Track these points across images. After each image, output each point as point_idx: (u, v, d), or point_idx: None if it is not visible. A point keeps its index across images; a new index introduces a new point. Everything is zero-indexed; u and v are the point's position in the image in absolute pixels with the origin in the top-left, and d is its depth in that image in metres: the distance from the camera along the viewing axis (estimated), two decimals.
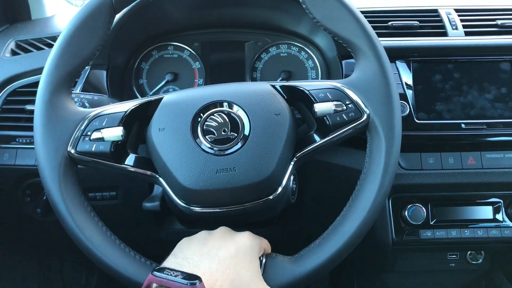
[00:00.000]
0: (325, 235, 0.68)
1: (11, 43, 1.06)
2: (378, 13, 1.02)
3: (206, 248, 0.61)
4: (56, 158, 0.66)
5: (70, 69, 0.69)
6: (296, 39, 1.06)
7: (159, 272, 0.54)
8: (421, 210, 0.92)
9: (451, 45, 0.94)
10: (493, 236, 0.92)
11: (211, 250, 0.60)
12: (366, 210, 0.67)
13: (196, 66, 1.07)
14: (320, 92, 0.70)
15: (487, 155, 0.92)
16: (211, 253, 0.60)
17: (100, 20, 0.71)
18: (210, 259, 0.58)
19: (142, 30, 1.02)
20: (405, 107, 0.90)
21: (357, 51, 0.72)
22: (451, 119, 0.91)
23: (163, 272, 0.54)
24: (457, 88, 0.92)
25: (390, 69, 0.71)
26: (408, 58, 0.93)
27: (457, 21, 0.98)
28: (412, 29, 0.98)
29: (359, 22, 0.71)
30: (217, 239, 0.63)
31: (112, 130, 0.67)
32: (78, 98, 0.85)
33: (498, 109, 0.91)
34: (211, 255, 0.59)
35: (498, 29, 0.97)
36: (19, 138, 0.97)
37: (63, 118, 0.67)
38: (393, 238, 0.93)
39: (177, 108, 0.69)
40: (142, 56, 1.07)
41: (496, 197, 0.94)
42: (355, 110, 0.69)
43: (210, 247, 0.61)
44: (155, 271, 0.54)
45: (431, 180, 0.91)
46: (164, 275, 0.53)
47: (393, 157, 0.69)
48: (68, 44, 0.69)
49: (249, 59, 1.07)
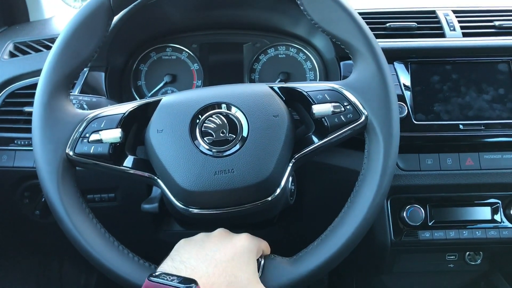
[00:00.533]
0: (323, 236, 0.68)
1: (10, 45, 1.06)
2: (376, 15, 1.02)
3: (204, 251, 0.61)
4: (54, 160, 0.66)
5: (68, 71, 0.69)
6: (294, 40, 1.07)
7: (155, 278, 0.54)
8: (420, 211, 0.92)
9: (449, 46, 0.94)
10: (492, 237, 0.92)
11: (208, 253, 0.60)
12: (365, 211, 0.67)
13: (194, 67, 1.08)
14: (318, 93, 0.71)
15: (485, 156, 0.92)
16: (208, 256, 0.60)
17: (98, 22, 0.71)
18: (207, 263, 0.59)
19: (141, 32, 1.03)
20: (403, 108, 0.90)
21: (355, 53, 0.72)
22: (449, 120, 0.91)
23: (159, 277, 0.54)
24: (455, 89, 0.92)
25: (388, 71, 0.71)
26: (406, 59, 0.93)
27: (455, 22, 0.99)
28: (410, 31, 0.98)
29: (357, 24, 0.71)
30: (214, 242, 0.63)
31: (110, 132, 0.67)
32: (76, 100, 0.85)
33: (496, 110, 0.91)
34: (208, 258, 0.59)
35: (495, 30, 0.98)
36: (17, 140, 0.97)
37: (61, 120, 0.67)
38: (392, 239, 0.93)
39: (175, 109, 0.69)
40: (140, 58, 1.07)
41: (495, 198, 0.95)
42: (353, 111, 0.70)
43: (208, 250, 0.61)
44: (152, 276, 0.55)
45: (430, 181, 0.91)
46: (160, 279, 0.54)
47: (391, 158, 0.69)
48: (66, 46, 0.69)
49: (247, 61, 1.07)
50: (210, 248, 0.61)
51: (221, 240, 0.64)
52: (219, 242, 0.63)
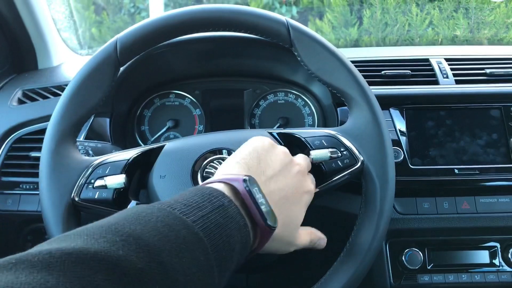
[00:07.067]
0: (322, 280, 0.69)
1: (18, 92, 1.09)
2: (372, 63, 1.06)
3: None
4: (60, 205, 0.68)
5: (75, 120, 0.72)
6: (293, 87, 1.10)
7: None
8: (418, 255, 0.93)
9: (442, 93, 0.97)
10: (491, 281, 0.92)
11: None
12: (362, 255, 0.68)
13: (196, 113, 1.11)
14: (316, 139, 0.73)
15: (481, 200, 0.93)
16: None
17: (105, 73, 0.75)
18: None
19: (145, 80, 1.06)
20: (399, 153, 0.92)
21: (350, 101, 0.76)
22: (444, 164, 0.93)
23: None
24: (450, 134, 0.95)
25: (382, 117, 0.75)
26: (401, 106, 0.96)
27: (448, 70, 1.02)
28: (405, 78, 1.01)
29: (352, 74, 0.75)
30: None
31: (114, 177, 0.69)
32: (82, 146, 0.87)
33: (490, 154, 0.93)
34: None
35: (487, 78, 1.01)
36: (22, 184, 0.99)
37: (68, 166, 0.70)
38: (391, 283, 0.93)
39: (178, 155, 0.71)
40: (144, 104, 1.10)
41: (493, 241, 0.95)
42: (350, 157, 0.72)
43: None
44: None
45: (427, 225, 0.92)
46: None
47: (388, 202, 0.71)
48: (74, 95, 0.73)
49: (247, 106, 1.10)
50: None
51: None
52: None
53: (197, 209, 0.48)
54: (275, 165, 0.61)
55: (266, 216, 0.54)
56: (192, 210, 0.48)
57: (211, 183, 0.56)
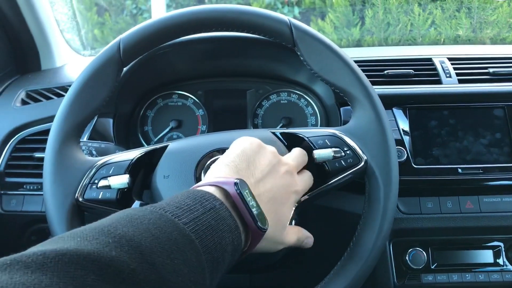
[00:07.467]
0: (326, 279, 0.69)
1: (22, 93, 1.10)
2: (375, 62, 1.06)
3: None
4: (64, 205, 0.68)
5: (79, 120, 0.72)
6: (295, 87, 1.10)
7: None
8: (422, 254, 0.92)
9: (445, 93, 0.97)
10: (495, 280, 0.92)
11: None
12: (366, 255, 0.68)
13: (199, 113, 1.11)
14: (319, 139, 0.73)
15: (485, 199, 0.93)
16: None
17: (108, 74, 0.75)
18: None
19: (148, 81, 1.06)
20: (402, 153, 0.92)
21: (353, 100, 0.76)
22: (448, 164, 0.93)
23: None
24: (453, 133, 0.95)
25: (386, 117, 0.74)
26: (404, 105, 0.96)
27: (451, 70, 1.02)
28: (408, 77, 1.01)
29: (355, 73, 0.75)
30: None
31: (118, 178, 0.69)
32: (85, 146, 0.88)
33: (494, 154, 0.93)
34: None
35: (490, 77, 1.01)
36: (26, 185, 0.99)
37: (72, 167, 0.70)
38: (395, 283, 0.93)
39: (181, 155, 0.71)
40: (147, 104, 1.11)
41: (496, 241, 0.95)
42: (353, 156, 0.72)
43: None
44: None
45: (431, 224, 0.92)
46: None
47: (391, 201, 0.70)
48: (78, 96, 0.73)
49: (250, 106, 1.11)
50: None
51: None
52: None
53: (188, 211, 0.49)
54: (263, 167, 0.63)
55: (257, 219, 0.55)
56: (184, 212, 0.49)
57: (202, 186, 0.57)
